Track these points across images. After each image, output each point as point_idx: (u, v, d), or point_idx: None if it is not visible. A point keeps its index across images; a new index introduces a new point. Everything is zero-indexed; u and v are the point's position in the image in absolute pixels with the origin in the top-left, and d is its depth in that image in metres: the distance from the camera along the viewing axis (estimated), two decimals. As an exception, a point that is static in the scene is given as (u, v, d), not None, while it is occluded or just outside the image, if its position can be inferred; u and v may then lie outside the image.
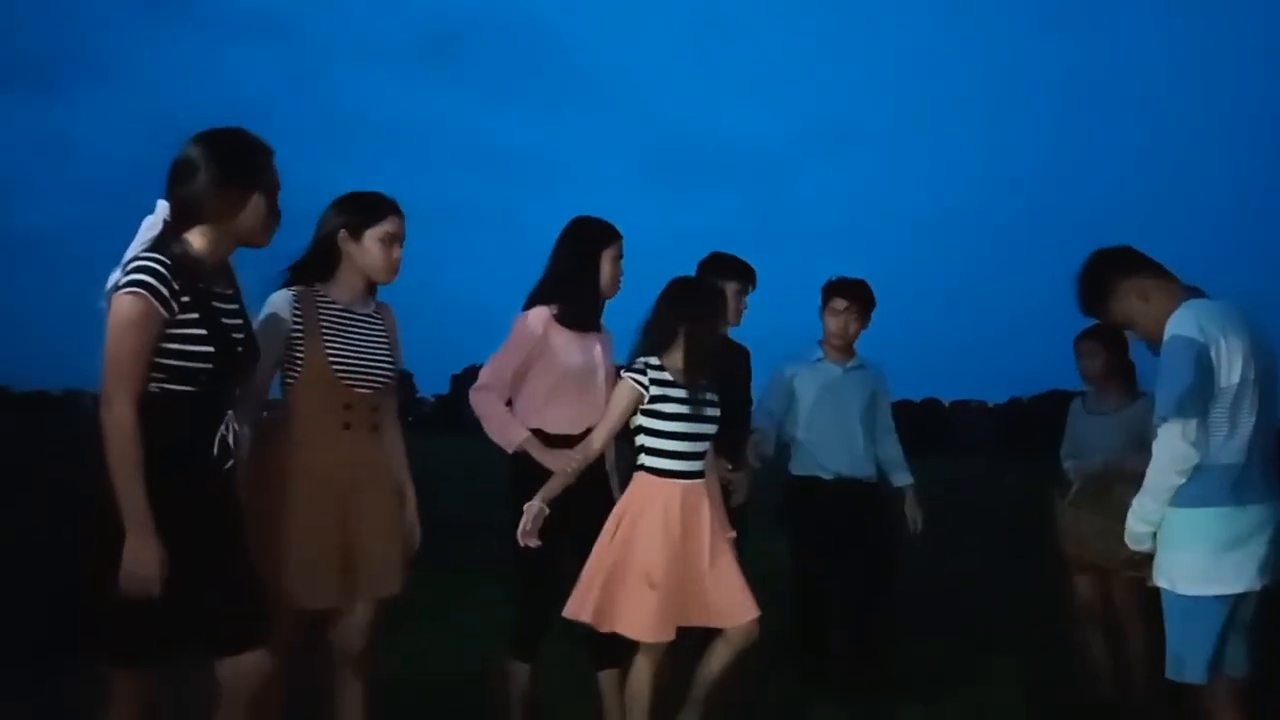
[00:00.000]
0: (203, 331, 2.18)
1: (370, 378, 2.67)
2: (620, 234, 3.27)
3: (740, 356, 4.07)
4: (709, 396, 3.06)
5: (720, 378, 3.88)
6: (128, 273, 2.13)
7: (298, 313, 2.60)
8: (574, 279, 3.17)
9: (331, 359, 2.60)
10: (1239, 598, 2.60)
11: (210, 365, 2.19)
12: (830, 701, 3.86)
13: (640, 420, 3.02)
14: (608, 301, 3.27)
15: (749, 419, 4.04)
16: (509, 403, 3.16)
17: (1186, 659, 2.62)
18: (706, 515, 3.02)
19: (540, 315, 3.13)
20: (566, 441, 3.06)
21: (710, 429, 3.06)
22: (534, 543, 2.89)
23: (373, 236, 2.69)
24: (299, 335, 2.59)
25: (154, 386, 2.14)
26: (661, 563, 2.89)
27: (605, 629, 2.91)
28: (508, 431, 3.07)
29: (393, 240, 2.71)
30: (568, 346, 3.12)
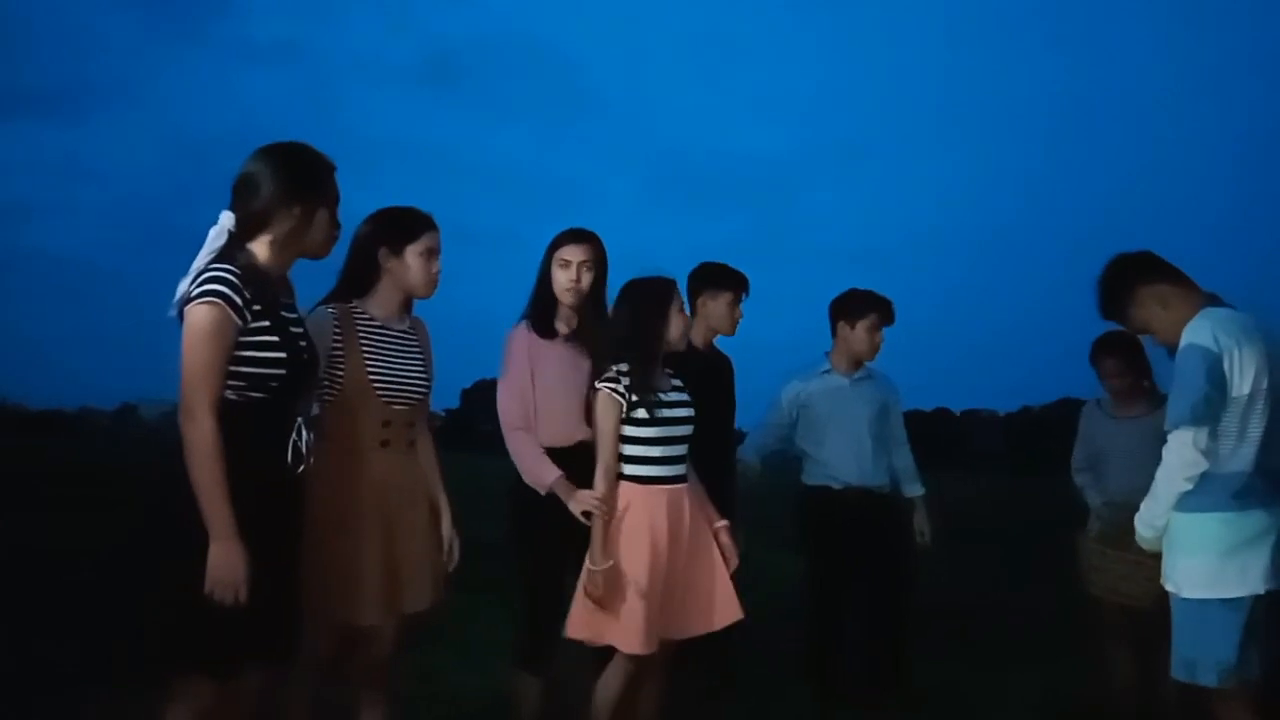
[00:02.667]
0: (275, 339, 2.21)
1: (408, 394, 2.69)
2: (575, 238, 3.16)
3: (724, 366, 4.07)
4: (677, 397, 3.03)
5: (702, 386, 3.89)
6: (200, 283, 2.15)
7: (338, 330, 2.62)
8: (538, 290, 3.18)
9: (372, 375, 2.62)
10: (1249, 601, 2.62)
11: (283, 372, 2.21)
12: (845, 716, 3.83)
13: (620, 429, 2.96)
14: (570, 306, 3.15)
15: (732, 430, 4.03)
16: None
17: (1199, 662, 2.65)
18: (690, 519, 3.00)
19: (520, 330, 3.15)
20: (558, 455, 3.02)
21: (685, 430, 3.03)
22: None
23: (414, 252, 2.72)
24: (339, 352, 2.60)
25: (229, 394, 2.15)
26: (646, 572, 2.86)
27: (598, 643, 2.91)
28: (539, 472, 3.01)
29: (432, 255, 2.75)
30: (546, 357, 3.10)
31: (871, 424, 4.19)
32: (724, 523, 3.12)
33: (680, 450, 3.02)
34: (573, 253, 3.14)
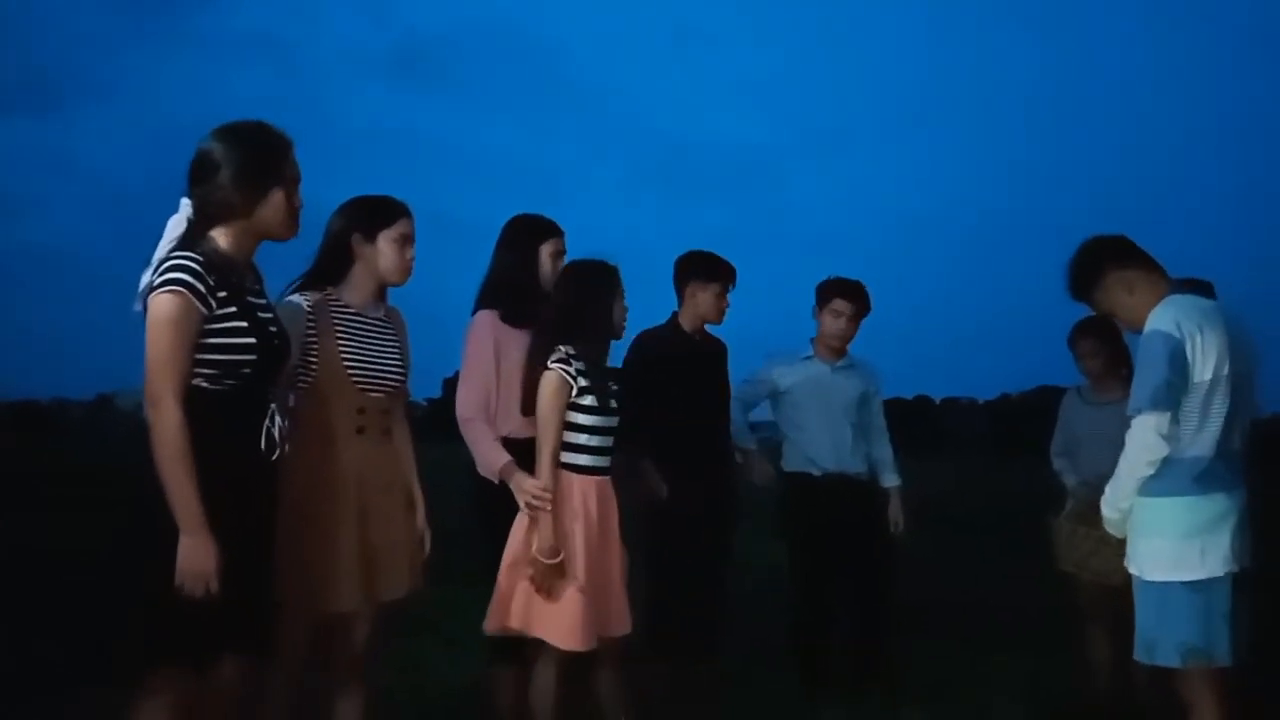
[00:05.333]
0: (243, 324, 2.18)
1: (383, 381, 2.69)
2: (561, 230, 3.22)
3: (718, 351, 4.09)
4: (613, 386, 2.97)
5: (695, 373, 3.90)
6: (161, 272, 2.12)
7: (311, 317, 2.61)
8: (515, 277, 3.14)
9: (346, 363, 2.62)
10: (1211, 584, 2.66)
11: (253, 358, 2.19)
12: (831, 705, 3.85)
13: None
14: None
15: (726, 416, 4.06)
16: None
17: (1158, 643, 2.70)
18: (614, 512, 2.96)
19: (486, 318, 3.11)
20: (520, 446, 2.99)
21: (616, 420, 2.96)
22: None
23: (387, 238, 2.71)
24: (313, 339, 2.60)
25: (199, 383, 2.13)
26: (582, 565, 2.81)
27: (528, 634, 2.84)
28: (491, 459, 3.00)
29: (406, 241, 2.74)
30: (512, 346, 3.06)
31: (851, 411, 4.24)
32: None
33: (611, 441, 2.96)
34: (560, 244, 3.20)
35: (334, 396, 2.60)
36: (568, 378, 2.84)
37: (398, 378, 2.73)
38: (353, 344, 2.64)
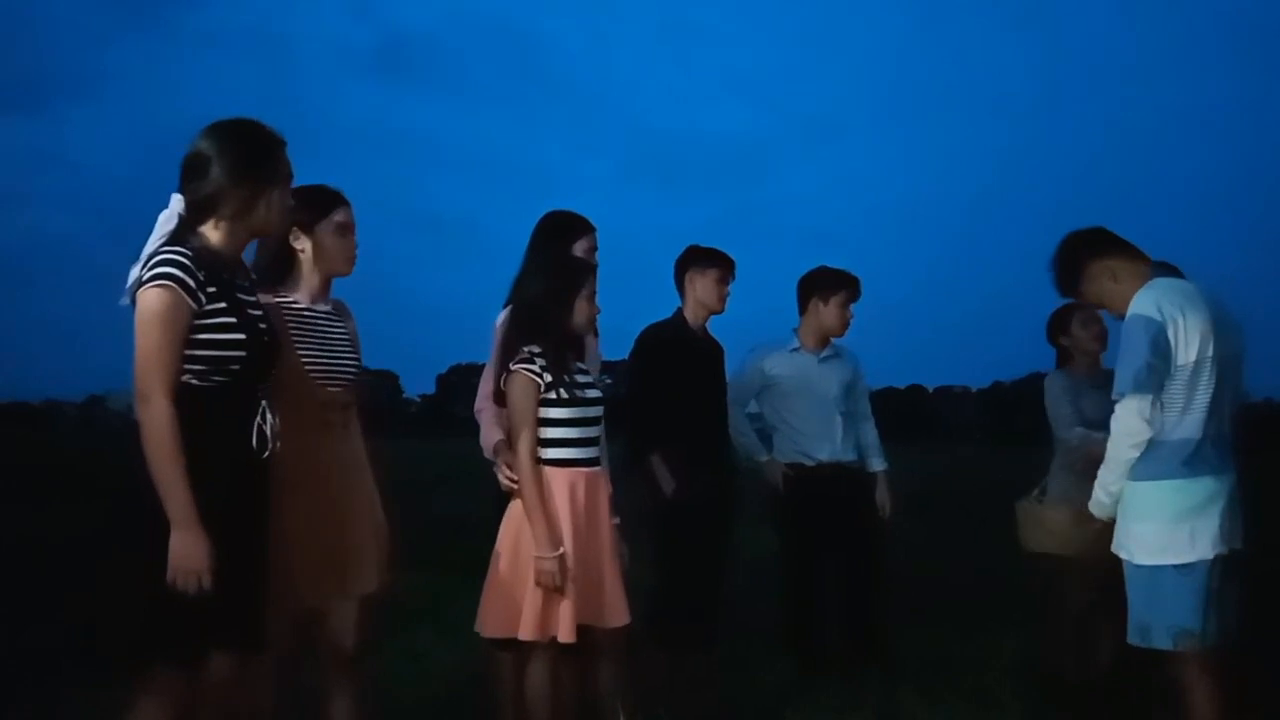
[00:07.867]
0: (233, 320, 2.16)
1: (341, 375, 2.63)
2: (593, 225, 3.22)
3: (719, 351, 4.11)
4: (585, 379, 2.93)
5: (699, 370, 3.91)
6: (151, 267, 2.10)
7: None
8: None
9: (305, 360, 2.56)
10: (1201, 566, 2.66)
11: (243, 353, 2.17)
12: (827, 689, 3.86)
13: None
14: None
15: (725, 414, 4.08)
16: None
17: (1152, 626, 2.70)
18: (605, 504, 2.93)
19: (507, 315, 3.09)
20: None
21: (598, 411, 2.93)
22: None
23: (325, 230, 2.63)
24: None
25: (189, 379, 2.11)
26: (570, 556, 2.78)
27: (523, 638, 2.79)
28: (486, 439, 3.00)
29: (346, 230, 2.65)
30: None
31: (840, 400, 4.26)
32: (616, 519, 3.02)
33: (595, 432, 2.93)
34: (592, 240, 3.22)
35: (296, 394, 2.52)
36: (534, 376, 2.82)
37: (353, 370, 2.68)
38: (309, 341, 2.58)
